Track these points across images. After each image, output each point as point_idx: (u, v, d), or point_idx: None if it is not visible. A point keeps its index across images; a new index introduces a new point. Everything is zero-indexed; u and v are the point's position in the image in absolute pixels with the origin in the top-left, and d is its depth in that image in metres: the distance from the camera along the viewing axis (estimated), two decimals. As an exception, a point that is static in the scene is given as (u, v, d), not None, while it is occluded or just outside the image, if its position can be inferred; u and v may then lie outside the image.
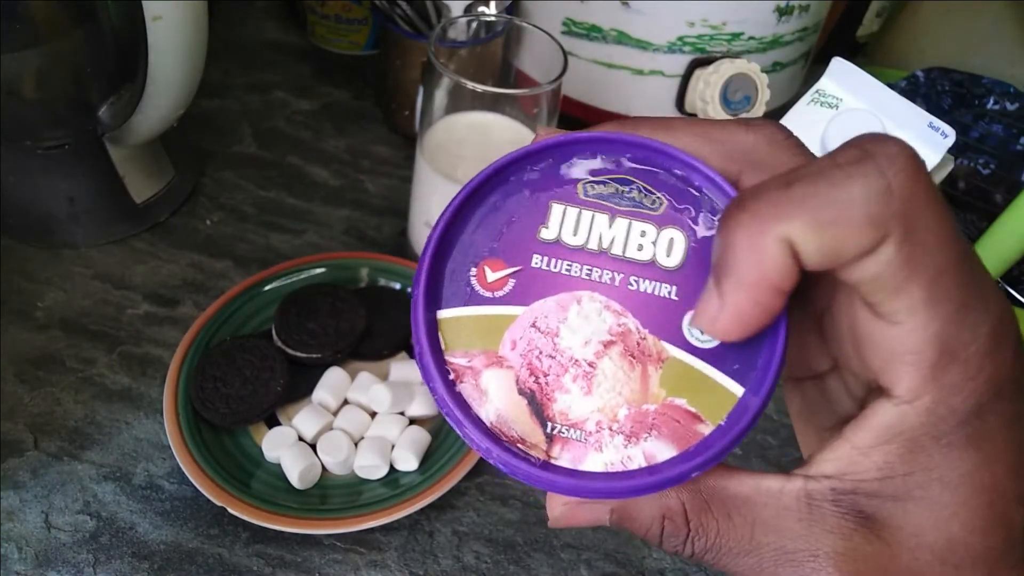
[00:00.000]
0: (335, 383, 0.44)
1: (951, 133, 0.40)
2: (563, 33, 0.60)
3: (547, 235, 0.20)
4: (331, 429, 0.43)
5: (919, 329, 0.16)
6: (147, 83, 0.45)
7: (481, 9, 0.57)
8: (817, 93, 0.43)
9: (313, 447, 0.42)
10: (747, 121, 0.19)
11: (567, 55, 0.43)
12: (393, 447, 0.42)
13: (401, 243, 0.56)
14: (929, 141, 0.41)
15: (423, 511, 0.41)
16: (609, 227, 0.19)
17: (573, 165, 0.20)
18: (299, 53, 0.71)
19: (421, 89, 0.49)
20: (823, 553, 0.17)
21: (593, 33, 0.59)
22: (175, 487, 0.41)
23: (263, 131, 0.63)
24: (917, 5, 0.72)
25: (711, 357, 0.18)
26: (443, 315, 0.19)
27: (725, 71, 0.55)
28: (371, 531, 0.40)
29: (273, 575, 0.38)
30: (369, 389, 0.44)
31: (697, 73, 0.58)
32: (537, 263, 0.19)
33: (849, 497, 0.17)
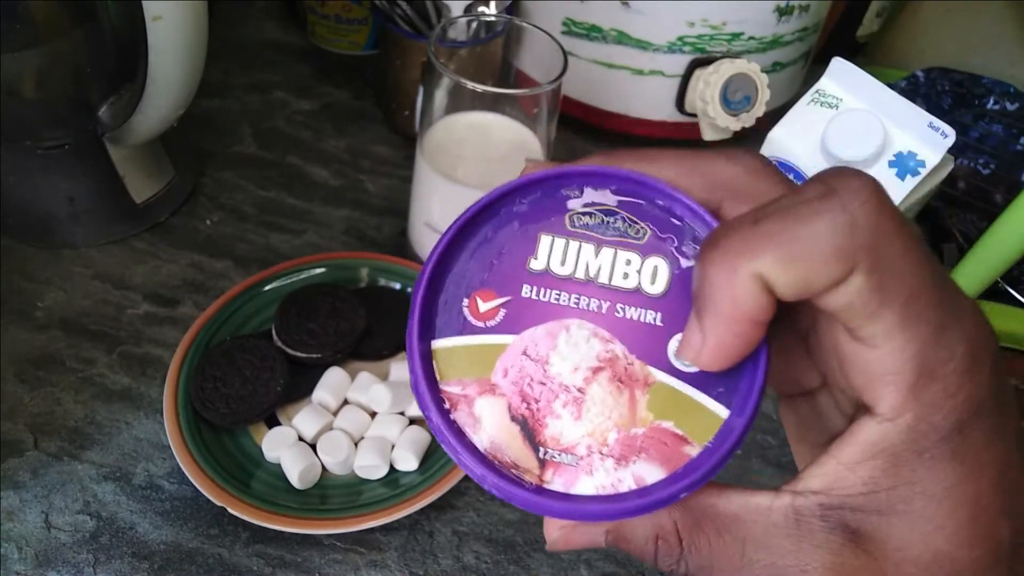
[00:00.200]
0: (335, 383, 0.44)
1: (951, 133, 0.40)
2: (563, 33, 0.60)
3: (536, 265, 0.20)
4: (331, 429, 0.43)
5: (897, 351, 0.16)
6: (147, 83, 0.45)
7: (481, 9, 0.57)
8: (817, 93, 0.43)
9: (313, 447, 0.42)
10: (728, 152, 0.20)
11: (567, 55, 0.43)
12: (393, 447, 0.42)
13: (401, 243, 0.56)
14: (929, 141, 0.41)
15: (423, 511, 0.41)
16: (595, 257, 0.20)
17: (561, 197, 0.21)
18: (299, 53, 0.71)
19: (421, 89, 0.49)
20: (812, 568, 0.17)
21: (593, 33, 0.59)
22: (175, 487, 0.41)
23: (263, 131, 0.63)
24: (917, 5, 0.72)
25: (696, 381, 0.19)
26: (437, 345, 0.20)
27: (725, 71, 0.55)
28: (371, 531, 0.40)
29: (273, 575, 0.39)
30: (369, 389, 0.44)
31: (697, 73, 0.58)
32: (527, 293, 0.20)
33: (836, 512, 0.18)
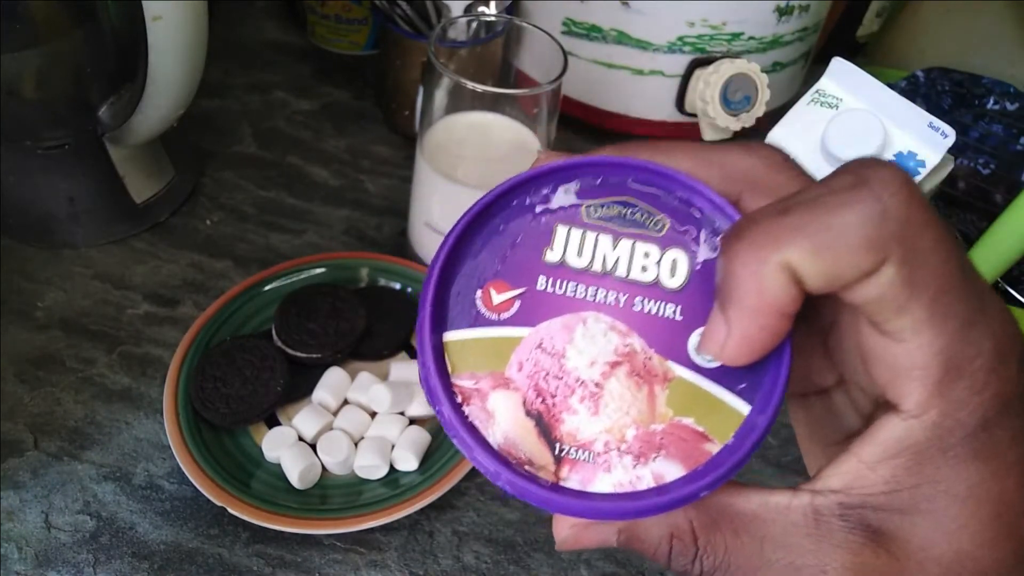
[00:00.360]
0: (335, 383, 0.44)
1: (951, 133, 0.40)
2: (563, 33, 0.60)
3: (552, 257, 0.20)
4: (331, 429, 0.43)
5: (924, 346, 0.16)
6: (147, 83, 0.45)
7: (481, 9, 0.57)
8: (817, 93, 0.43)
9: (313, 447, 0.42)
10: (745, 144, 0.19)
11: (567, 55, 0.43)
12: (393, 447, 0.42)
13: (401, 243, 0.56)
14: (929, 141, 0.40)
15: (423, 511, 0.41)
16: (613, 249, 0.19)
17: (576, 188, 0.20)
18: (299, 53, 0.71)
19: (421, 89, 0.49)
20: (832, 568, 0.17)
21: (593, 33, 0.59)
22: (175, 487, 0.41)
23: (263, 131, 0.63)
24: (917, 5, 0.72)
25: (716, 376, 0.19)
26: (449, 337, 0.19)
27: (725, 71, 0.55)
28: (371, 531, 0.40)
29: (273, 575, 0.39)
30: (369, 389, 0.44)
31: (697, 73, 0.58)
32: (542, 285, 0.19)
33: (856, 511, 0.17)
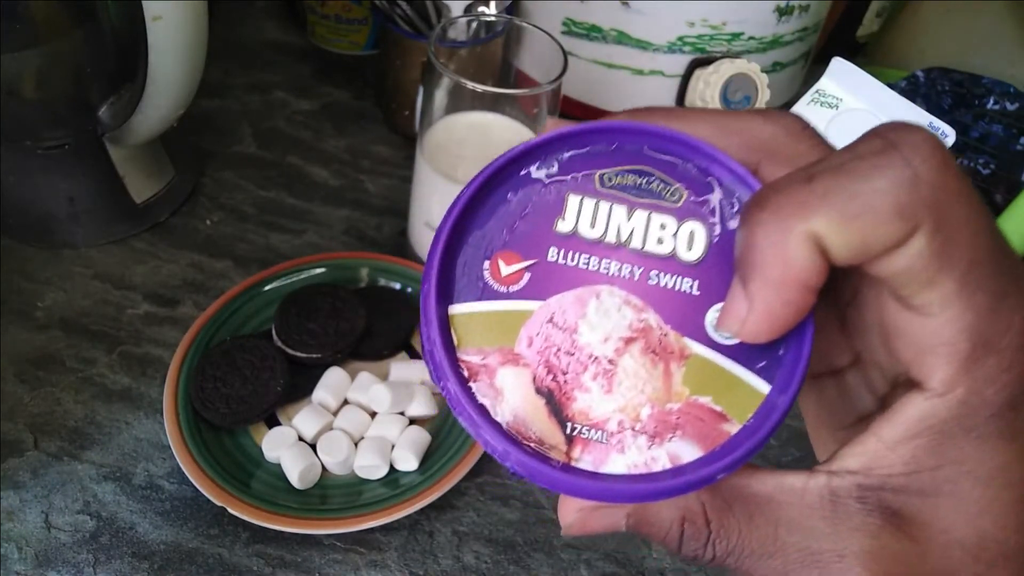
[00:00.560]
0: (335, 383, 0.44)
1: (951, 133, 0.40)
2: (563, 33, 0.60)
3: (564, 227, 0.19)
4: (331, 429, 0.43)
5: (953, 321, 0.15)
6: (147, 83, 0.45)
7: (481, 9, 0.57)
8: (817, 93, 0.43)
9: (313, 447, 0.42)
10: (764, 111, 0.18)
11: (567, 55, 0.43)
12: (393, 447, 0.42)
13: (401, 243, 0.56)
14: (929, 141, 0.40)
15: (423, 511, 0.41)
16: (628, 219, 0.18)
17: (589, 155, 0.19)
18: (299, 53, 0.71)
19: (421, 89, 0.49)
20: (850, 552, 0.16)
21: (593, 33, 0.59)
22: (175, 487, 0.41)
23: (263, 131, 0.63)
24: (917, 5, 0.72)
25: (735, 354, 0.18)
26: (455, 310, 0.18)
27: (725, 71, 0.55)
28: (371, 531, 0.40)
29: (273, 575, 0.39)
30: (369, 389, 0.44)
31: (697, 73, 0.58)
32: (554, 256, 0.18)
33: (875, 493, 0.17)
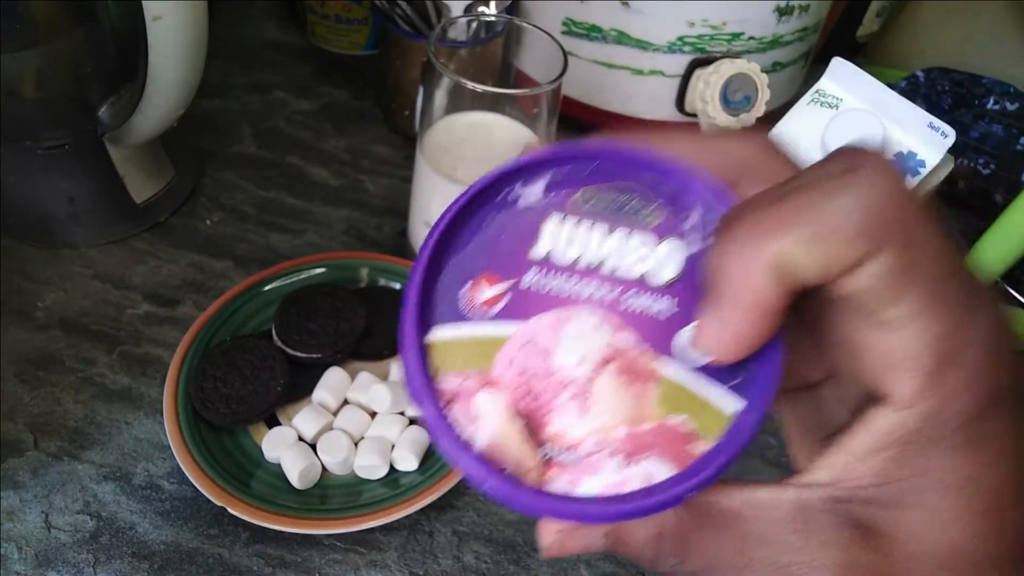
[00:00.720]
0: (335, 383, 0.44)
1: (951, 133, 0.40)
2: (563, 33, 0.60)
3: (541, 250, 0.19)
4: (331, 429, 0.43)
5: (918, 336, 0.16)
6: (147, 83, 0.45)
7: (481, 9, 0.57)
8: (817, 93, 0.43)
9: (313, 447, 0.42)
10: (740, 133, 0.19)
11: (567, 55, 0.43)
12: (393, 447, 0.42)
13: (401, 243, 0.56)
14: (929, 141, 0.40)
15: (423, 511, 0.41)
16: (604, 241, 0.19)
17: (567, 178, 0.19)
18: (299, 53, 0.71)
19: (421, 89, 0.49)
20: (820, 565, 0.17)
21: (593, 33, 0.59)
22: (175, 487, 0.41)
23: (263, 131, 0.63)
24: (917, 5, 0.72)
25: (708, 373, 0.18)
26: (434, 335, 0.18)
27: (725, 71, 0.55)
28: (371, 531, 0.40)
29: (273, 575, 0.39)
30: (369, 389, 0.44)
31: (697, 73, 0.58)
32: (531, 279, 0.18)
33: (844, 506, 0.17)
